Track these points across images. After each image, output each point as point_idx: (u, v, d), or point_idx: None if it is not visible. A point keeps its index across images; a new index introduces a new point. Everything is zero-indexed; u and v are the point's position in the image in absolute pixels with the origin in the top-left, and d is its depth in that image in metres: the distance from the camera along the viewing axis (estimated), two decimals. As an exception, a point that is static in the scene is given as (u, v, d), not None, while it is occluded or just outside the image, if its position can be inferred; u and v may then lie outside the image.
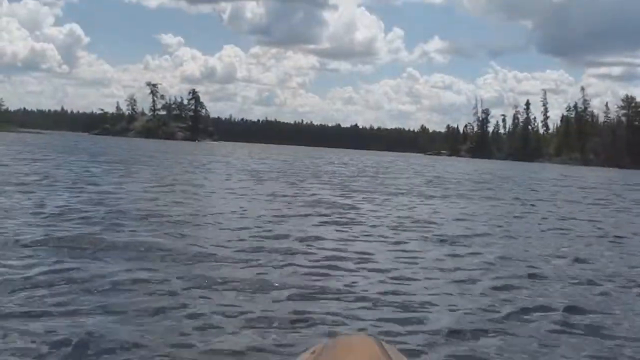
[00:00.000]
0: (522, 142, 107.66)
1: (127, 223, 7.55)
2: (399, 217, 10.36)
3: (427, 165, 47.66)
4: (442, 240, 7.76)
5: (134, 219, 8.01)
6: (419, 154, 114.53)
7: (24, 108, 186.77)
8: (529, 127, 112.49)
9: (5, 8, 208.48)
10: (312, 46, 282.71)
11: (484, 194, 18.25)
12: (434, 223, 9.77)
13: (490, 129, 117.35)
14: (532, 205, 14.94)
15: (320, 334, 3.59)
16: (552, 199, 17.61)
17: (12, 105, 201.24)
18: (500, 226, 10.03)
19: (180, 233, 7.05)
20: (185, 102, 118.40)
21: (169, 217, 8.36)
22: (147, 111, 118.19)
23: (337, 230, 8.26)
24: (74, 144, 46.41)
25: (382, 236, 7.94)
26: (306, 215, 9.79)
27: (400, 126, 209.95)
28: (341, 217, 9.79)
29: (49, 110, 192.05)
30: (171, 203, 10.39)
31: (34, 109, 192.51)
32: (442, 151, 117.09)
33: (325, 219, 9.52)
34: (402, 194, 16.20)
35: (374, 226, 8.92)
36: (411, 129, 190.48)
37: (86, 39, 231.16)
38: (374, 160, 56.21)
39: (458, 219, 10.69)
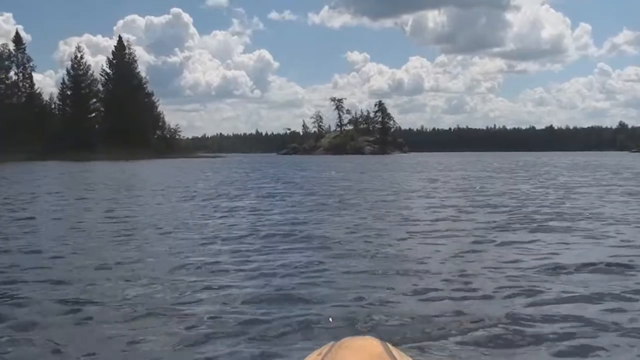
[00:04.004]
0: None
1: None
2: None
3: None
4: None
5: None
6: (622, 152, 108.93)
7: (220, 134, 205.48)
8: None
9: (197, 41, 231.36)
10: (497, 49, 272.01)
11: None
12: None
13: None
14: None
15: (328, 336, 3.38)
16: None
17: (209, 131, 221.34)
18: None
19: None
20: (372, 115, 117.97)
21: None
22: (334, 127, 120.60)
23: None
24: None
25: None
26: None
27: (596, 124, 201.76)
28: None
29: (244, 134, 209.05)
30: None
31: (230, 133, 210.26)
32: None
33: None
34: None
35: None
36: (608, 127, 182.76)
37: (275, 64, 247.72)
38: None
39: None
